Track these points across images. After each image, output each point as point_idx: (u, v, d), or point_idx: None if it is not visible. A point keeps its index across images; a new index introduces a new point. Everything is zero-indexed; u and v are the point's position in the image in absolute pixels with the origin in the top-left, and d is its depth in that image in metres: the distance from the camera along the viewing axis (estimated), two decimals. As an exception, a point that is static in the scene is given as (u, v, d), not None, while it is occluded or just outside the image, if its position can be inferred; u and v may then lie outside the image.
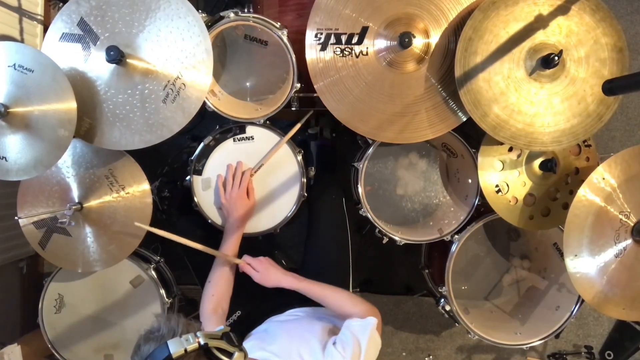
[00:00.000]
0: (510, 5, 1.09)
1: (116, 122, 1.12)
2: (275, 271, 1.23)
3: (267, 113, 1.28)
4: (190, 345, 0.69)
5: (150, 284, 1.41)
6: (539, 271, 1.58)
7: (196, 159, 1.34)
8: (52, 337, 1.43)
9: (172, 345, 0.69)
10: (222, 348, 0.72)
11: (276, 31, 1.22)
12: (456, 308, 1.40)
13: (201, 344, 0.70)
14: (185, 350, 0.69)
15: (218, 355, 0.71)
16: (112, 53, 1.05)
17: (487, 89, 1.12)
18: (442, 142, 1.43)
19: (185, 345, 0.69)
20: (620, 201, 1.15)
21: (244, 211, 1.30)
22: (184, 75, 1.10)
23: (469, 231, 1.37)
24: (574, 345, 1.92)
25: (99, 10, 1.10)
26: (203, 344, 0.70)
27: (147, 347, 0.72)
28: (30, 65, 1.05)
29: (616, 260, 1.16)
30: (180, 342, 0.69)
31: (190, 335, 0.71)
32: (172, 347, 0.69)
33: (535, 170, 1.32)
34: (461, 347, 1.95)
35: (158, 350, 0.69)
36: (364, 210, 1.35)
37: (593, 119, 1.16)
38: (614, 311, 1.19)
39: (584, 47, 1.12)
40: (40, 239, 1.29)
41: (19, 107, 1.06)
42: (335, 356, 0.98)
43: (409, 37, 1.12)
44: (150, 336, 0.73)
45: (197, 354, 0.70)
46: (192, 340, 0.70)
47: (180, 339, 0.70)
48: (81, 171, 1.26)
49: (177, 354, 0.68)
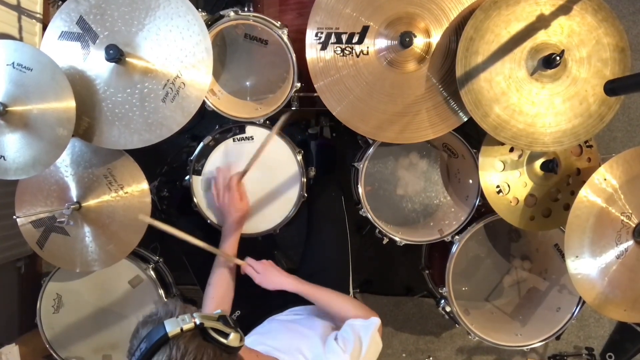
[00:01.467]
0: (512, 4, 1.09)
1: (115, 121, 1.12)
2: (276, 273, 1.22)
3: (267, 113, 1.27)
4: (186, 324, 0.70)
5: (148, 283, 1.41)
6: (540, 272, 1.58)
7: (196, 159, 1.33)
8: (50, 337, 1.43)
9: (169, 324, 0.70)
10: (218, 329, 0.73)
11: (276, 30, 1.21)
12: (456, 309, 1.40)
13: (197, 323, 0.71)
14: (181, 329, 0.70)
15: (214, 336, 0.72)
16: (111, 52, 1.04)
17: (488, 89, 1.12)
18: (443, 142, 1.43)
19: (182, 325, 0.70)
20: (622, 202, 1.14)
21: (238, 215, 1.28)
22: (184, 75, 1.10)
23: (469, 232, 1.36)
24: (575, 346, 1.92)
25: (98, 9, 1.09)
26: (199, 324, 0.71)
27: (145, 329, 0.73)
28: (29, 63, 1.04)
29: (617, 262, 1.15)
30: (176, 322, 0.70)
31: (187, 315, 0.72)
32: (168, 327, 0.70)
33: (536, 171, 1.31)
34: (461, 348, 1.94)
35: (155, 330, 0.70)
36: (364, 211, 1.34)
37: (594, 119, 1.15)
38: (615, 313, 1.18)
39: (586, 47, 1.12)
40: (38, 239, 1.29)
41: (17, 105, 1.05)
42: (336, 350, 0.98)
43: (409, 37, 1.11)
44: (148, 320, 0.74)
45: (193, 333, 0.71)
46: (189, 320, 0.71)
47: (176, 319, 0.71)
48: (80, 170, 1.25)
49: (173, 333, 0.69)
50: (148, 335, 0.70)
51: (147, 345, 0.69)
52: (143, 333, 0.72)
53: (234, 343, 0.73)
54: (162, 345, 0.69)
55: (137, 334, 0.73)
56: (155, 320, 0.73)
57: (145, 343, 0.70)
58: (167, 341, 0.69)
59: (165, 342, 0.69)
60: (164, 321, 0.71)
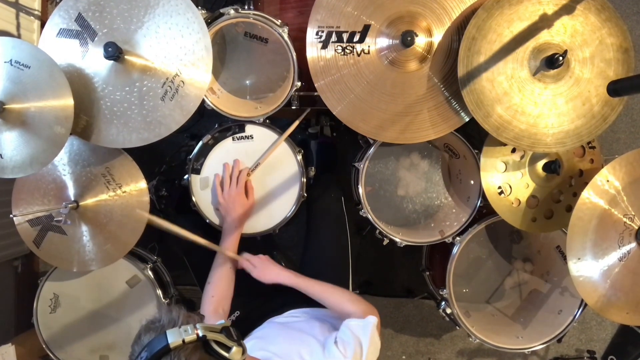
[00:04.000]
0: (515, 4, 1.09)
1: (113, 119, 1.11)
2: (273, 267, 1.23)
3: (267, 112, 1.27)
4: (188, 336, 0.70)
5: (146, 284, 1.40)
6: (542, 274, 1.57)
7: (194, 158, 1.33)
8: (46, 337, 1.42)
9: (171, 335, 0.69)
10: (221, 342, 0.72)
11: (277, 29, 1.21)
12: (457, 311, 1.39)
13: (199, 335, 0.70)
14: (183, 340, 0.69)
15: (216, 349, 0.71)
16: (110, 49, 1.03)
17: (490, 89, 1.11)
18: (444, 143, 1.42)
19: (184, 336, 0.69)
20: (625, 204, 1.14)
21: (242, 211, 1.29)
22: (183, 73, 1.09)
23: (470, 233, 1.36)
24: (577, 349, 1.91)
25: (97, 6, 1.09)
26: (201, 336, 0.70)
27: (147, 336, 0.72)
28: (26, 61, 1.03)
29: (620, 264, 1.15)
30: (178, 333, 0.70)
31: (190, 326, 0.71)
32: (170, 337, 0.69)
33: (538, 172, 1.30)
34: (462, 350, 1.94)
35: (156, 340, 0.70)
36: (364, 211, 1.34)
37: (597, 120, 1.15)
38: (617, 315, 1.18)
39: (589, 47, 1.11)
40: (35, 238, 1.28)
41: (15, 103, 1.05)
42: (336, 355, 0.97)
43: (411, 36, 1.11)
44: (151, 326, 0.74)
45: (195, 345, 0.70)
46: (191, 332, 0.70)
47: (179, 329, 0.70)
48: (77, 169, 1.24)
49: (175, 344, 0.69)
50: (149, 345, 0.70)
51: (147, 355, 0.69)
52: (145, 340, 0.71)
53: (236, 357, 0.73)
54: (162, 356, 0.69)
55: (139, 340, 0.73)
56: (157, 328, 0.72)
57: (146, 352, 0.69)
58: (168, 352, 0.69)
59: (166, 352, 0.69)
60: (166, 331, 0.70)
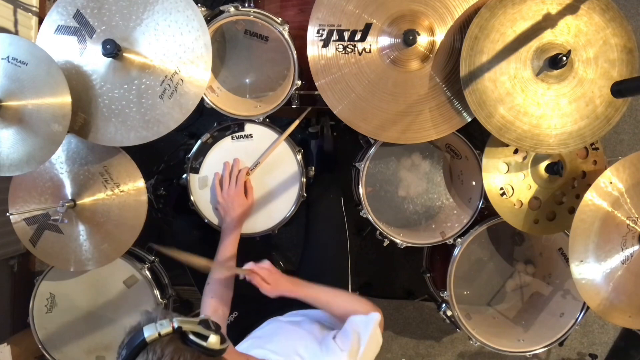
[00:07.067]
0: (518, 3, 1.08)
1: (112, 117, 1.11)
2: (284, 282, 1.14)
3: (266, 110, 1.26)
4: (164, 329, 0.71)
5: (144, 284, 1.39)
6: (544, 277, 1.56)
7: (193, 157, 1.32)
8: (42, 338, 1.41)
9: (147, 330, 0.71)
10: (198, 332, 0.73)
11: (277, 27, 1.20)
12: (458, 313, 1.38)
13: (175, 327, 0.72)
14: (159, 334, 0.70)
15: (193, 339, 0.72)
16: (108, 47, 1.03)
17: (492, 89, 1.10)
18: (446, 143, 1.41)
19: (159, 330, 0.71)
20: (628, 206, 1.13)
21: (241, 210, 1.27)
22: (182, 71, 1.08)
23: (472, 235, 1.35)
24: (579, 353, 1.90)
25: (96, 3, 1.08)
26: (177, 327, 0.72)
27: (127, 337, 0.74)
28: (24, 58, 1.03)
29: (623, 267, 1.14)
30: (154, 327, 0.71)
31: (166, 320, 0.73)
32: (146, 332, 0.70)
33: (541, 173, 1.29)
34: (462, 353, 1.93)
35: (135, 336, 0.71)
36: (364, 212, 1.33)
37: (601, 121, 1.14)
38: (619, 319, 1.17)
39: (593, 47, 1.11)
40: (31, 236, 1.27)
41: (12, 100, 1.04)
42: (333, 349, 0.96)
43: (413, 35, 1.10)
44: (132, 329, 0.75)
45: (171, 337, 0.71)
46: (167, 325, 0.72)
47: (155, 324, 0.72)
48: (75, 167, 1.24)
49: (151, 338, 0.70)
50: (128, 342, 0.72)
51: (127, 351, 0.71)
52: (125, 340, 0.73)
53: (214, 346, 0.73)
54: (140, 351, 0.70)
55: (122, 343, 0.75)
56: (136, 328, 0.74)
57: (125, 349, 0.71)
58: (145, 346, 0.70)
59: (143, 347, 0.70)
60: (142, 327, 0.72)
